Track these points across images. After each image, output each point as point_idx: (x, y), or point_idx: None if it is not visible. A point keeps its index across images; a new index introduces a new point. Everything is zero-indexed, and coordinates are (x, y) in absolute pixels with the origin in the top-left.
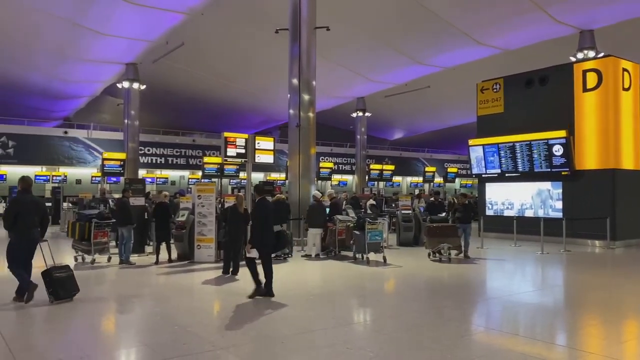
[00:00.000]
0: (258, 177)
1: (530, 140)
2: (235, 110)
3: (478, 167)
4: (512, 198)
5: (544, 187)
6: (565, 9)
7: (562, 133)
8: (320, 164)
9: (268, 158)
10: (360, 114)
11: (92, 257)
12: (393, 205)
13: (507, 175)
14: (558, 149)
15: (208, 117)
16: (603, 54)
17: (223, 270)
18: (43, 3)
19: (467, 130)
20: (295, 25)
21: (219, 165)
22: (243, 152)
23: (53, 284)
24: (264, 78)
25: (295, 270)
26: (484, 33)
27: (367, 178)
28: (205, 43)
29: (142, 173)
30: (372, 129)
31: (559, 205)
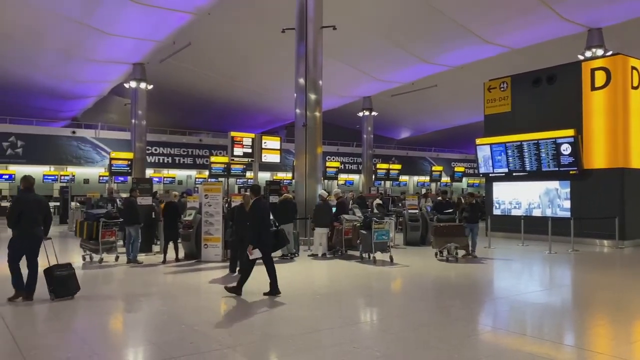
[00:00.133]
0: (265, 176)
1: (538, 140)
2: (242, 110)
3: (485, 166)
4: (519, 197)
5: (552, 186)
6: (574, 7)
7: (570, 132)
8: (327, 164)
9: (275, 157)
10: (367, 113)
11: (100, 256)
12: (400, 205)
13: (514, 175)
14: (566, 148)
15: (215, 116)
16: (611, 52)
17: (230, 269)
18: (51, 3)
19: (474, 130)
20: (302, 25)
21: (226, 165)
22: (250, 151)
23: (54, 282)
24: (271, 78)
25: (302, 270)
26: (491, 32)
27: (373, 177)
28: (212, 43)
29: (149, 172)
30: (378, 128)
31: (567, 205)
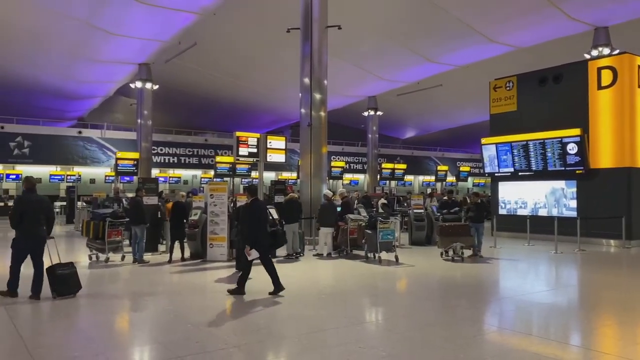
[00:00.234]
0: (270, 176)
1: (544, 139)
2: (247, 110)
3: (491, 165)
4: (525, 197)
5: (558, 185)
6: (580, 6)
7: (576, 131)
8: (332, 163)
9: (280, 157)
10: (372, 113)
11: (106, 255)
12: (405, 205)
13: (520, 174)
14: (572, 148)
15: (220, 116)
16: (618, 51)
17: (236, 268)
18: (58, 5)
19: (479, 129)
20: (307, 25)
21: (231, 165)
22: (255, 151)
23: (56, 281)
24: (276, 77)
25: (307, 270)
26: (497, 30)
27: (378, 177)
28: (217, 43)
29: (155, 172)
30: (383, 128)
31: (573, 204)
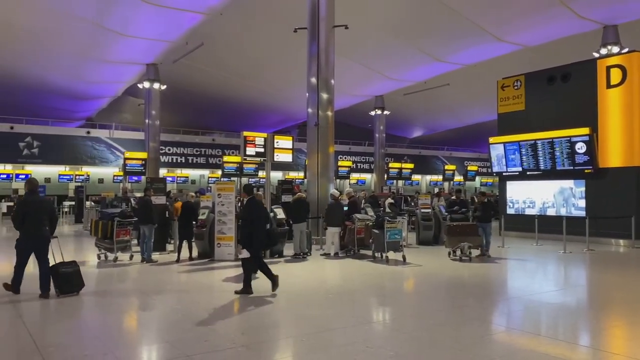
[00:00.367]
0: (277, 175)
1: (553, 138)
2: (254, 110)
3: (499, 165)
4: (533, 196)
5: (567, 185)
6: (588, 4)
7: (585, 130)
8: (339, 163)
9: (287, 157)
10: (379, 112)
11: (114, 255)
12: (412, 204)
13: (528, 174)
14: (581, 147)
15: (227, 116)
16: (627, 50)
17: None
18: (66, 5)
19: (487, 128)
20: (314, 24)
21: (239, 164)
22: (262, 151)
23: (59, 279)
24: (283, 77)
25: (315, 269)
26: (505, 29)
27: (385, 177)
28: (224, 43)
29: (162, 172)
30: (390, 127)
31: (582, 204)
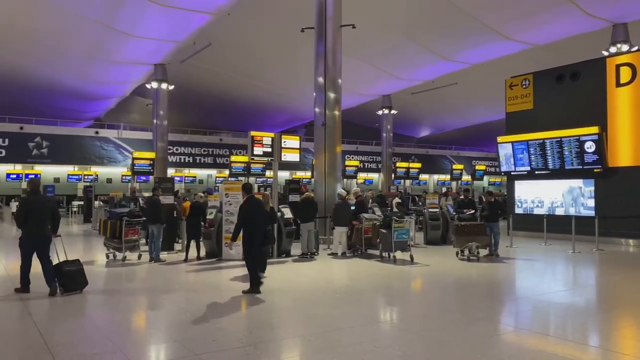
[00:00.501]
0: (284, 175)
1: (561, 137)
2: (261, 109)
3: (507, 164)
4: (542, 196)
5: (576, 184)
6: (598, 2)
7: (594, 129)
8: (346, 162)
9: (294, 156)
10: (386, 112)
11: (123, 254)
12: (420, 204)
13: (536, 173)
14: (590, 146)
15: (234, 116)
16: (637, 48)
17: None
18: (75, 6)
19: (495, 127)
20: (321, 24)
21: (246, 164)
22: (269, 150)
23: (62, 277)
24: (290, 77)
25: (322, 269)
26: (513, 28)
27: (393, 176)
28: (232, 43)
29: (170, 172)
30: (398, 127)
31: (591, 203)
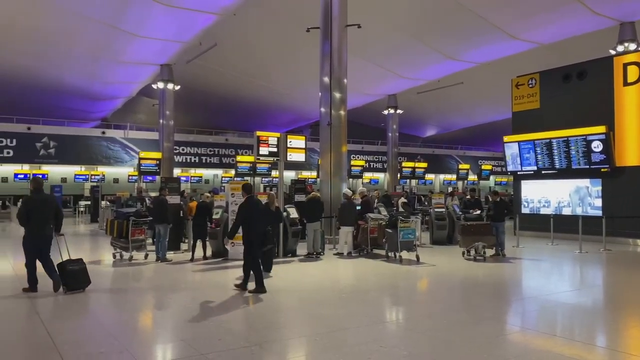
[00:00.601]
0: (290, 175)
1: (568, 137)
2: (267, 109)
3: (513, 164)
4: (548, 196)
5: (583, 184)
6: (604, 1)
7: (601, 129)
8: (352, 162)
9: (300, 156)
10: (392, 111)
11: (129, 254)
12: (426, 204)
13: (543, 173)
14: (597, 145)
15: (240, 116)
16: None
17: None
18: (82, 7)
19: (501, 127)
20: (327, 24)
21: (252, 164)
22: (275, 150)
23: (66, 276)
24: (295, 77)
25: (328, 269)
26: (519, 27)
27: (399, 176)
28: (237, 43)
29: (177, 172)
30: (403, 127)
31: (598, 203)
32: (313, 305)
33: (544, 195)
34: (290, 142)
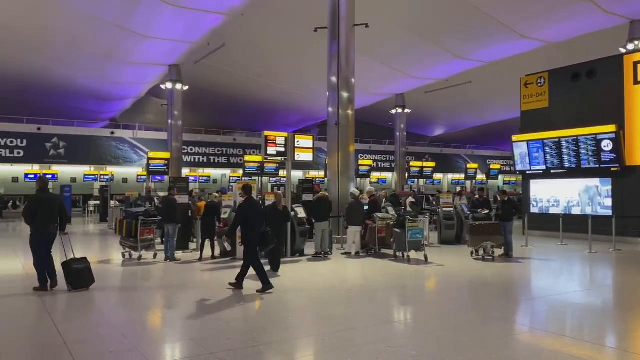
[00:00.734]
0: (297, 175)
1: (577, 136)
2: (275, 109)
3: (522, 163)
4: (557, 195)
5: (592, 183)
6: None
7: (611, 127)
8: (360, 162)
9: (307, 156)
10: (400, 111)
11: (138, 253)
12: (434, 203)
13: (552, 172)
14: (607, 144)
15: (248, 116)
16: None
17: (271, 268)
18: (91, 8)
19: (510, 126)
20: (334, 23)
21: (260, 164)
22: (283, 150)
23: (71, 275)
24: (303, 77)
25: (336, 268)
26: (528, 26)
27: (406, 175)
28: (245, 43)
29: (185, 172)
30: (411, 126)
31: (608, 203)
32: (321, 305)
33: (553, 195)
34: (298, 141)
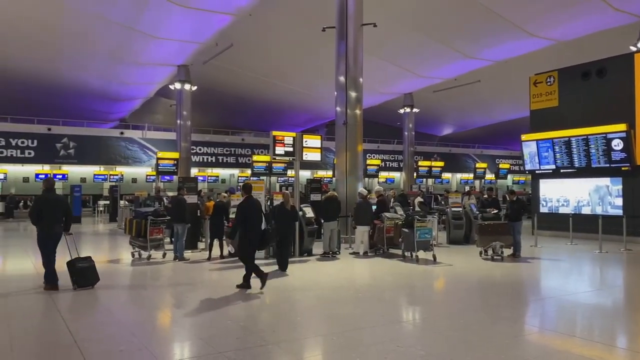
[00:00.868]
0: (305, 174)
1: (587, 135)
2: (283, 109)
3: (531, 163)
4: (567, 195)
5: (602, 183)
6: None
7: (622, 126)
8: (368, 161)
9: (315, 156)
10: (408, 110)
11: (148, 253)
12: (442, 203)
13: (562, 171)
14: (617, 144)
15: (256, 116)
16: None
17: (279, 268)
18: (101, 9)
19: (519, 125)
20: (342, 23)
21: (268, 164)
22: (291, 150)
23: (75, 273)
24: (311, 76)
25: (344, 268)
26: (537, 24)
27: (415, 175)
28: (253, 43)
29: (194, 171)
30: (420, 125)
31: (619, 202)
32: (329, 305)
33: (563, 194)
34: (306, 141)
